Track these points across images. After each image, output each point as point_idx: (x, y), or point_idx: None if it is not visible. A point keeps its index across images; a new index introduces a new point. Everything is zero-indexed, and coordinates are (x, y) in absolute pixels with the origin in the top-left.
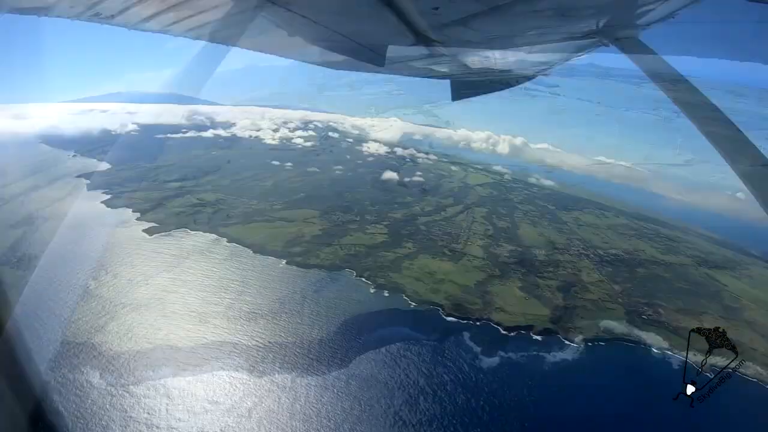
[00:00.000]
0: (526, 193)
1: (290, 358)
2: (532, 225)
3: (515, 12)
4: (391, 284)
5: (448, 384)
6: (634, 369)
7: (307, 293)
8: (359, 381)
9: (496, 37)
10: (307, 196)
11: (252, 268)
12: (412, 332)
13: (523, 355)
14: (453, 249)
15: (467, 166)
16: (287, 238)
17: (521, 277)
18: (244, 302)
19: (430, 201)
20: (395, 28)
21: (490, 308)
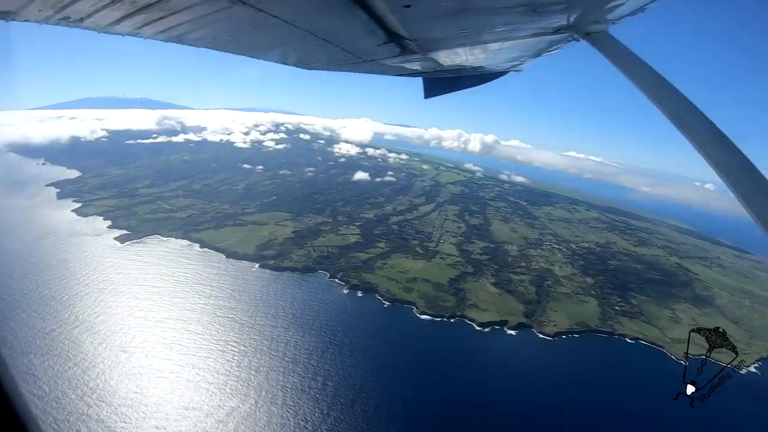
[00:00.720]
0: (498, 189)
1: (266, 361)
2: (504, 221)
3: (486, 8)
4: (365, 284)
5: (425, 381)
6: (608, 359)
7: (281, 296)
8: (335, 383)
9: (468, 34)
10: (279, 198)
11: (225, 273)
12: (387, 332)
13: (499, 349)
14: (426, 247)
15: (439, 164)
16: (260, 241)
17: (494, 273)
18: (218, 307)
19: (402, 200)
20: (367, 26)
21: (464, 305)
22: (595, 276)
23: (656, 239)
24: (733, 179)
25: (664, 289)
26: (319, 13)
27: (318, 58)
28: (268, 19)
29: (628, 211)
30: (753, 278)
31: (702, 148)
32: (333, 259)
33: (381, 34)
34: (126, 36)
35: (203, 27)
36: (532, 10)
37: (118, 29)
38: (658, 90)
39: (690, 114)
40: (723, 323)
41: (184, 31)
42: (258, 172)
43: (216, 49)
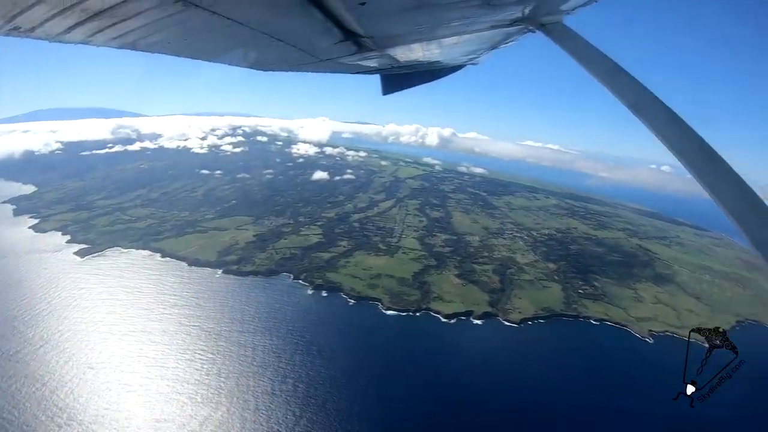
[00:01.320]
0: (458, 182)
1: (235, 367)
2: (465, 213)
3: (442, 3)
4: (329, 284)
5: (394, 376)
6: (574, 342)
7: (246, 301)
8: (306, 384)
9: (424, 29)
10: (239, 202)
11: (188, 281)
12: (354, 330)
13: (466, 340)
14: (388, 243)
15: (397, 160)
16: (221, 247)
17: (457, 264)
18: (183, 316)
19: (363, 197)
20: (322, 25)
21: (428, 298)
22: (557, 261)
23: (616, 222)
24: (691, 161)
25: (625, 270)
26: (274, 14)
27: (274, 59)
28: (222, 21)
29: (587, 196)
30: (712, 254)
31: (659, 132)
32: (296, 261)
33: (337, 32)
34: (78, 44)
35: (157, 32)
36: (488, 3)
37: (69, 38)
38: (613, 77)
39: (646, 100)
40: (684, 299)
41: (137, 37)
42: (216, 177)
43: (171, 54)
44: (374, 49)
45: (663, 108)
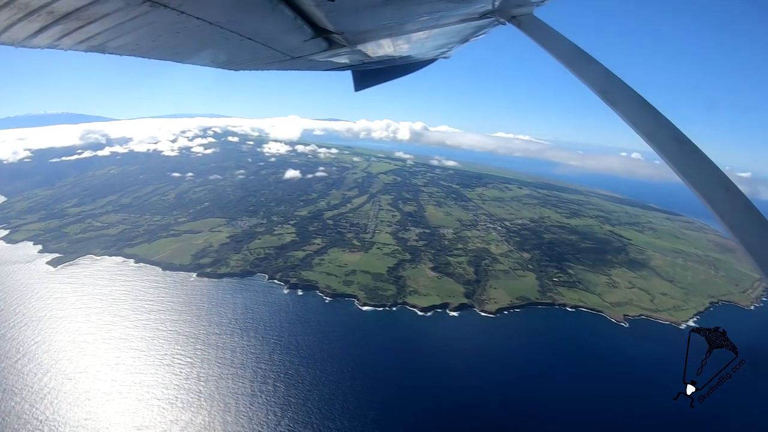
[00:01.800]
0: (430, 175)
1: (214, 370)
2: (438, 206)
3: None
4: (304, 282)
5: (374, 371)
6: (551, 329)
7: (222, 303)
8: (286, 384)
9: (395, 24)
10: (212, 204)
11: (163, 286)
12: (331, 327)
13: (443, 332)
14: (362, 239)
15: (369, 155)
16: (195, 250)
17: (432, 257)
18: (159, 321)
19: (336, 194)
20: (293, 22)
21: (404, 292)
22: (531, 251)
23: (588, 210)
24: (663, 147)
25: (599, 256)
26: (244, 13)
27: (245, 59)
28: (190, 21)
29: (559, 185)
30: (684, 238)
31: (631, 120)
32: (270, 260)
33: (307, 29)
34: (45, 49)
35: (124, 34)
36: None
37: (36, 42)
38: (584, 68)
39: (618, 89)
40: (658, 283)
41: (104, 40)
42: (188, 180)
43: (139, 56)
44: (345, 45)
45: (634, 96)
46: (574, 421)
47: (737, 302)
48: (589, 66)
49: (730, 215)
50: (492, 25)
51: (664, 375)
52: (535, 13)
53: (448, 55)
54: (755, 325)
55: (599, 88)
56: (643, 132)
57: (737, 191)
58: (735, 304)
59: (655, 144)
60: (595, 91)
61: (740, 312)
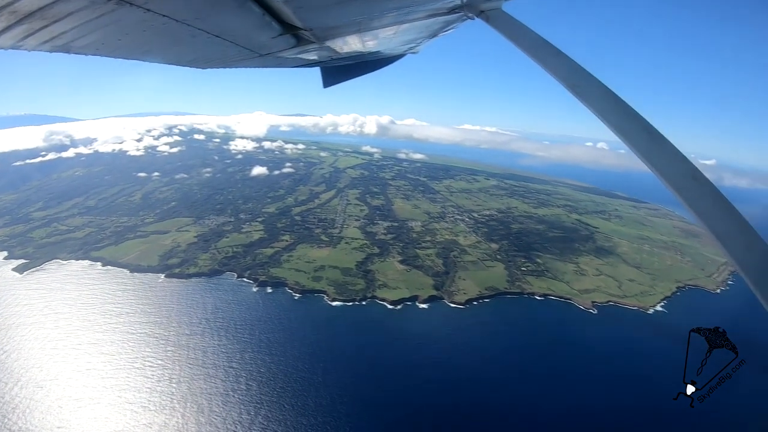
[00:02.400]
0: (398, 168)
1: (186, 371)
2: (406, 199)
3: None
4: (273, 279)
5: (345, 366)
6: (520, 317)
7: (192, 304)
8: (259, 382)
9: (363, 19)
10: (179, 204)
11: (132, 289)
12: (301, 324)
13: (413, 324)
14: (330, 234)
15: (337, 150)
16: (163, 250)
17: (400, 251)
18: (129, 324)
19: (303, 190)
20: (260, 19)
21: (373, 286)
22: (499, 241)
23: (555, 199)
24: (633, 139)
25: (566, 245)
26: (212, 10)
27: (213, 57)
28: (157, 19)
29: (526, 175)
30: (650, 225)
31: (600, 113)
32: (239, 259)
33: (275, 26)
34: (8, 50)
35: (90, 33)
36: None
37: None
38: (553, 61)
39: (586, 82)
40: (626, 270)
41: (69, 39)
42: (154, 179)
43: (105, 56)
44: (314, 41)
45: (603, 89)
46: (545, 405)
47: (703, 286)
48: (558, 60)
49: (699, 204)
50: (460, 19)
51: (632, 359)
52: (504, 8)
53: (417, 50)
54: (722, 309)
55: (568, 82)
56: (612, 124)
57: (705, 180)
58: (701, 288)
59: (624, 136)
60: (564, 84)
61: (707, 296)
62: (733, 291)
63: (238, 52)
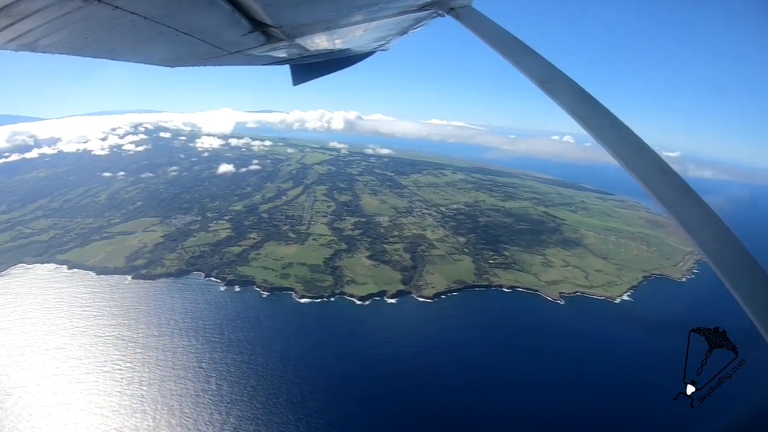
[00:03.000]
0: (365, 164)
1: (156, 373)
2: (374, 194)
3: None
4: (241, 278)
5: (315, 362)
6: (488, 310)
7: (160, 305)
8: (230, 382)
9: (334, 17)
10: (145, 203)
11: (98, 291)
12: (270, 322)
13: (382, 319)
14: (298, 231)
15: (304, 146)
16: (129, 251)
17: (368, 246)
18: (97, 327)
19: (270, 187)
20: (230, 16)
21: (341, 282)
22: (466, 234)
23: (522, 192)
24: (602, 135)
25: (533, 237)
26: (180, 7)
27: (181, 55)
28: (125, 16)
29: (493, 169)
30: (617, 216)
31: (570, 109)
32: (206, 258)
33: (245, 23)
34: None
35: (57, 31)
36: None
37: None
38: (523, 58)
39: (556, 79)
40: (592, 260)
41: (36, 38)
42: (120, 179)
43: (72, 54)
44: (284, 39)
45: (573, 85)
46: (514, 396)
47: (669, 275)
48: (528, 57)
49: (668, 197)
50: (431, 17)
51: (600, 348)
52: (474, 5)
53: (387, 47)
54: (688, 297)
55: (538, 79)
56: (582, 120)
57: (673, 173)
58: (667, 277)
59: (593, 131)
60: (534, 81)
61: (673, 284)
62: (699, 279)
63: (208, 49)
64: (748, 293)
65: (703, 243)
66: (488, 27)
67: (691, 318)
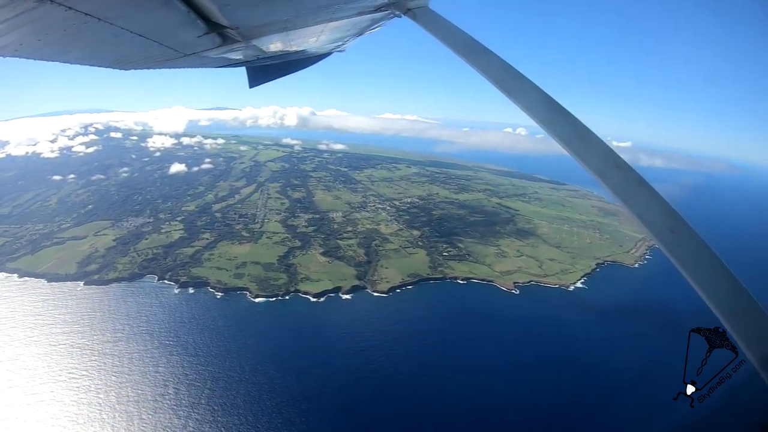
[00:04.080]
0: (318, 160)
1: (113, 380)
2: (327, 190)
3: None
4: (195, 279)
5: (270, 362)
6: (443, 302)
7: (114, 310)
8: (187, 385)
9: (290, 18)
10: (96, 207)
11: (51, 299)
12: (225, 323)
13: (337, 316)
14: (251, 230)
15: (257, 143)
16: (81, 257)
17: (322, 242)
18: (50, 336)
19: (223, 186)
20: (186, 17)
21: (296, 280)
22: (420, 228)
23: (476, 184)
24: (558, 131)
25: (488, 228)
26: (135, 7)
27: (136, 57)
28: (79, 17)
29: (447, 162)
30: (570, 206)
31: (526, 107)
32: (159, 260)
33: (201, 24)
34: None
35: (8, 33)
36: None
37: None
38: (479, 58)
39: (512, 77)
40: (546, 250)
41: None
42: (70, 182)
43: (24, 57)
44: (240, 40)
45: (529, 84)
46: (471, 384)
47: (622, 262)
48: (484, 57)
49: (624, 190)
50: (387, 17)
51: (553, 335)
52: (431, 6)
53: (344, 48)
54: (640, 282)
55: (494, 78)
56: (538, 117)
57: (627, 167)
58: (620, 264)
59: (549, 128)
60: (490, 80)
61: (625, 270)
62: (651, 264)
63: (162, 52)
64: (702, 278)
65: (659, 234)
66: (444, 27)
67: (644, 302)
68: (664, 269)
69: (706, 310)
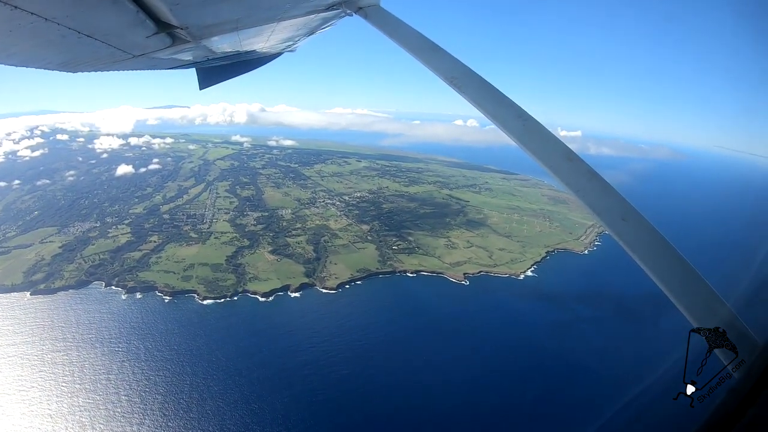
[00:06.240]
0: (268, 157)
1: (65, 389)
2: (277, 187)
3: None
4: (142, 284)
5: (220, 365)
6: (393, 296)
7: (62, 319)
8: (140, 393)
9: (241, 17)
10: (42, 213)
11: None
12: (174, 327)
13: (286, 314)
14: (199, 230)
15: (206, 141)
16: (26, 266)
17: (271, 241)
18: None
19: (171, 186)
20: (135, 17)
21: (244, 280)
22: (370, 222)
23: (426, 177)
24: (509, 126)
25: (438, 220)
26: (83, 7)
27: (83, 59)
28: (25, 17)
29: (398, 155)
30: (520, 195)
31: (477, 103)
32: (106, 266)
33: (150, 24)
34: None
35: None
36: None
37: None
38: (431, 56)
39: (463, 74)
40: (496, 240)
41: None
42: (15, 188)
43: None
44: (190, 40)
45: (479, 80)
46: (421, 377)
47: (572, 249)
48: (436, 54)
49: (576, 182)
50: (339, 16)
51: (504, 322)
52: (382, 5)
53: (294, 48)
54: (590, 268)
55: (446, 75)
56: (489, 113)
57: (579, 159)
58: (570, 251)
59: (501, 124)
60: (441, 77)
61: (575, 257)
62: (601, 251)
63: (111, 53)
64: (653, 263)
65: (611, 223)
66: (396, 26)
67: (593, 288)
68: (614, 254)
69: (656, 292)
